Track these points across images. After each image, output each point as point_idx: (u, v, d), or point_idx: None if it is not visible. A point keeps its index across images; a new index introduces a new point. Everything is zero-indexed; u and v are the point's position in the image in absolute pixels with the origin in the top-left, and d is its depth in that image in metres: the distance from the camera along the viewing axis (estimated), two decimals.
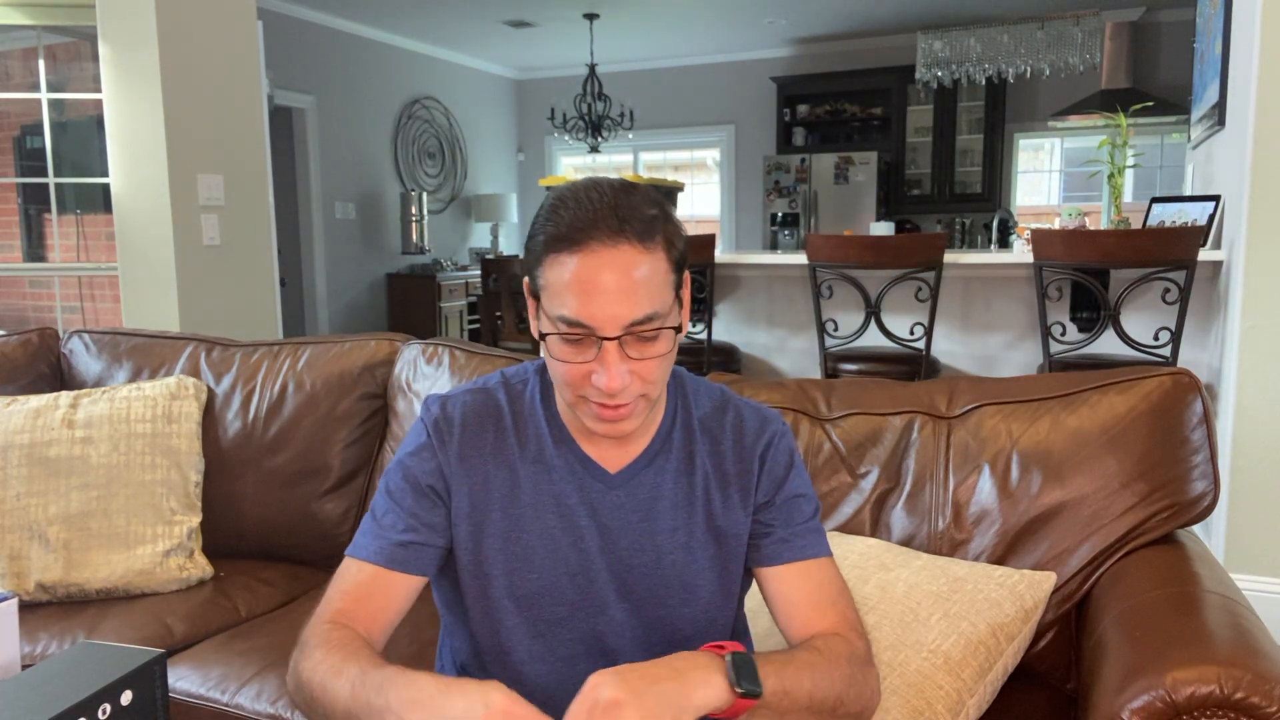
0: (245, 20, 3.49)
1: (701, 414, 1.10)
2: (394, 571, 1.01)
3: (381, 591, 1.01)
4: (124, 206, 3.27)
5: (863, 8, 6.82)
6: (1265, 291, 2.55)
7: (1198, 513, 1.33)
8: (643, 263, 0.92)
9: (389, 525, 1.03)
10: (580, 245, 0.91)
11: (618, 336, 0.92)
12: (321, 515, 1.92)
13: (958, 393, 1.53)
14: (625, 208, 0.93)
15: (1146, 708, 0.94)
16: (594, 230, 0.91)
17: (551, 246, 0.93)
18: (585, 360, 0.94)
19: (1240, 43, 2.79)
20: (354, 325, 7.42)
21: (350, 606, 0.99)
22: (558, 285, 0.92)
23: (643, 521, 1.05)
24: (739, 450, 1.08)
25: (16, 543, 1.73)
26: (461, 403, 1.07)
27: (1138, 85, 6.90)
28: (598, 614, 1.05)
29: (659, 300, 0.94)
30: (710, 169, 8.82)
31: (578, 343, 0.93)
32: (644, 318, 0.92)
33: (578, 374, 0.95)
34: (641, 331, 0.93)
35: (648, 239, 0.93)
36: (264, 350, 2.06)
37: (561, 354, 0.95)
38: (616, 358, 0.93)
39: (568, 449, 1.06)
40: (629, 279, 0.91)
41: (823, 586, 1.05)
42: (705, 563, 1.06)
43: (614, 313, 0.91)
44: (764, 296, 4.10)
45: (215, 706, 1.43)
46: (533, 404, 1.08)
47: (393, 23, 7.19)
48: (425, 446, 1.05)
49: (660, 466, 1.06)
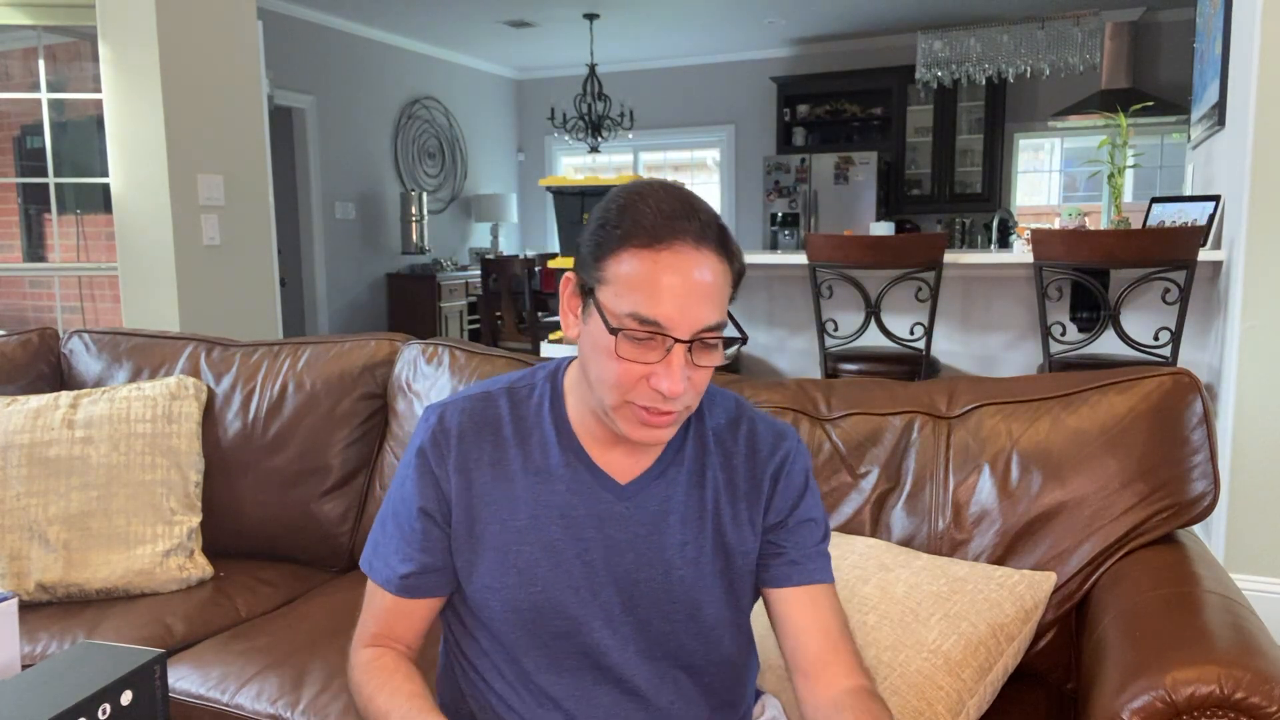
0: (245, 20, 3.49)
1: (715, 425, 1.08)
2: (410, 599, 1.06)
3: (404, 617, 1.07)
4: (124, 206, 3.27)
5: (863, 8, 6.82)
6: (1265, 291, 2.55)
7: (1198, 513, 1.33)
8: (720, 270, 0.92)
9: (392, 553, 1.06)
10: (665, 243, 0.90)
11: (689, 340, 0.91)
12: (321, 515, 1.92)
13: (958, 393, 1.53)
14: (706, 213, 0.93)
15: (1146, 708, 0.94)
16: (681, 229, 0.90)
17: (631, 241, 0.91)
18: (648, 361, 0.91)
19: (1240, 43, 2.79)
20: (354, 325, 7.42)
21: (382, 630, 1.08)
22: (632, 281, 0.90)
23: (651, 534, 1.02)
24: (751, 465, 1.06)
25: (16, 543, 1.73)
26: (459, 410, 1.05)
27: (1138, 85, 6.90)
28: (601, 628, 1.02)
29: (724, 309, 0.94)
30: (710, 169, 8.82)
31: (644, 342, 0.91)
32: (716, 324, 0.92)
33: (633, 375, 0.92)
34: (709, 338, 0.92)
35: (722, 251, 0.93)
36: (264, 350, 2.06)
37: (625, 352, 0.91)
38: (682, 362, 0.91)
39: (577, 459, 1.03)
40: (707, 283, 0.91)
41: (831, 615, 1.04)
42: (713, 579, 1.04)
43: (693, 315, 0.90)
44: (764, 296, 4.10)
45: (215, 706, 1.43)
46: (539, 412, 1.05)
47: (393, 23, 7.19)
48: (423, 466, 1.04)
49: (672, 478, 1.04)
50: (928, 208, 7.68)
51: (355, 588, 1.80)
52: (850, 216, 7.40)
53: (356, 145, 7.37)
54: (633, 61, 8.60)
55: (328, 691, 1.40)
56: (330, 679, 1.43)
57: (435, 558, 1.04)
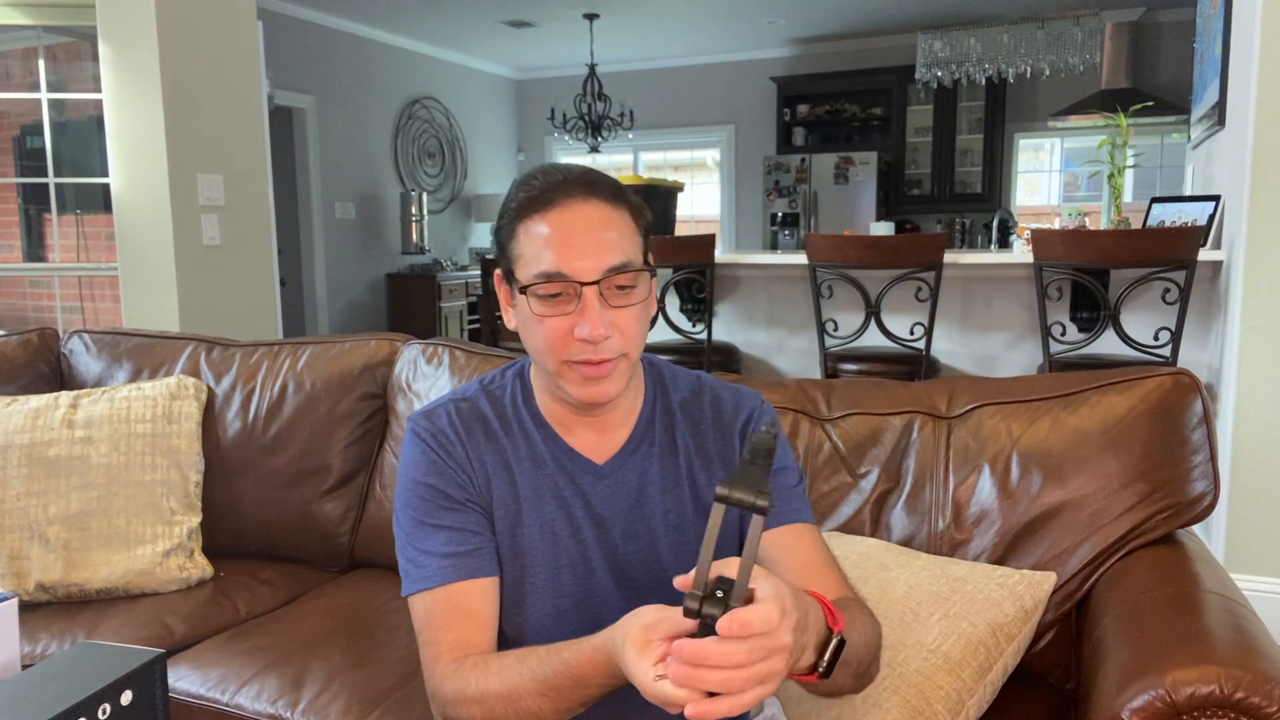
0: (245, 20, 3.49)
1: (680, 399, 1.12)
2: (465, 581, 1.00)
3: (468, 605, 1.00)
4: (124, 206, 3.27)
5: (863, 8, 6.82)
6: (1265, 291, 2.55)
7: (1198, 513, 1.33)
8: (614, 218, 0.98)
9: (441, 544, 1.02)
10: (554, 203, 0.96)
11: (596, 281, 0.95)
12: (321, 515, 1.92)
13: (958, 393, 1.53)
14: (595, 174, 1.00)
15: (1146, 708, 0.94)
16: (566, 189, 0.97)
17: (524, 212, 0.97)
18: (566, 313, 0.96)
19: (1240, 43, 2.79)
20: (354, 325, 7.42)
21: (455, 638, 0.98)
22: (534, 247, 0.96)
23: (634, 508, 1.06)
24: (719, 427, 1.10)
25: (16, 543, 1.73)
26: (446, 411, 1.08)
27: (1138, 85, 6.90)
28: (600, 605, 1.05)
29: (631, 252, 0.98)
30: (710, 169, 8.82)
31: (557, 297, 0.96)
32: (620, 264, 0.96)
33: (559, 331, 0.97)
34: (619, 280, 0.97)
35: (617, 200, 0.99)
36: (264, 350, 2.06)
37: (542, 310, 0.97)
38: (597, 305, 0.95)
39: (555, 444, 1.07)
40: (602, 230, 0.96)
41: (814, 549, 1.05)
42: (699, 543, 1.06)
43: (591, 260, 0.95)
44: (764, 296, 4.10)
45: (215, 706, 1.43)
46: (515, 405, 1.10)
47: (393, 23, 7.19)
48: (432, 461, 1.05)
49: (646, 452, 1.08)
50: (928, 208, 7.67)
51: (355, 588, 1.80)
52: (850, 216, 7.39)
53: (356, 145, 7.37)
54: (633, 61, 8.60)
55: (328, 691, 1.40)
56: (330, 679, 1.43)
57: (480, 537, 1.03)
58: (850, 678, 0.93)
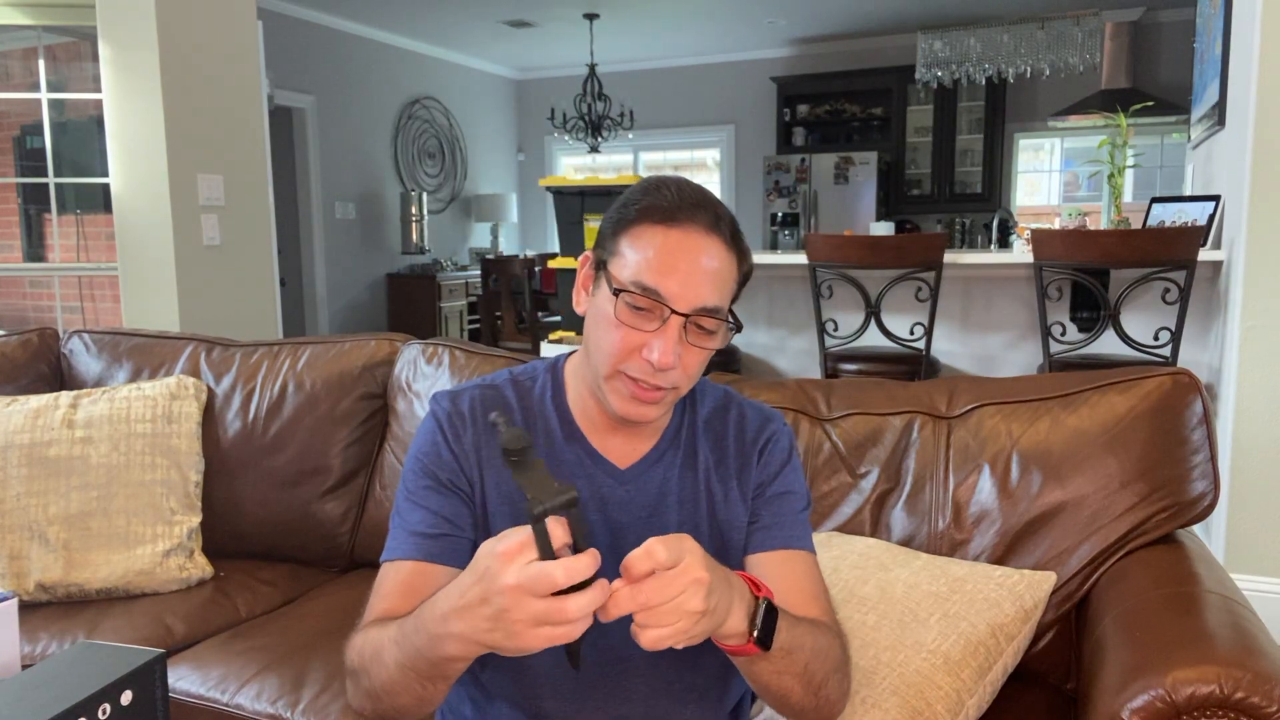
0: (245, 20, 3.49)
1: (706, 413, 1.12)
2: (432, 564, 1.00)
3: (424, 585, 0.98)
4: (124, 206, 3.27)
5: (863, 8, 6.82)
6: (1265, 291, 2.55)
7: (1198, 513, 1.33)
8: (727, 259, 0.98)
9: (416, 522, 1.02)
10: (678, 223, 0.96)
11: (687, 314, 0.95)
12: (321, 515, 1.92)
13: (958, 393, 1.53)
14: (722, 209, 1.00)
15: (1146, 707, 0.94)
16: (695, 215, 0.97)
17: (647, 217, 0.97)
18: (645, 330, 0.95)
19: (1240, 43, 2.79)
20: (354, 325, 7.42)
21: (393, 605, 0.97)
22: (642, 253, 0.96)
23: (651, 517, 1.06)
24: (740, 445, 1.10)
25: (16, 543, 1.73)
26: (470, 396, 1.08)
27: (1138, 85, 6.90)
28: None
29: (726, 298, 0.99)
30: (710, 169, 8.82)
31: (644, 312, 0.95)
32: (714, 308, 0.97)
33: (630, 344, 0.96)
34: (706, 322, 0.97)
35: (734, 242, 0.99)
36: (264, 350, 2.06)
37: (625, 318, 0.96)
38: (676, 336, 0.95)
39: (579, 445, 1.07)
40: (712, 267, 0.96)
41: (805, 578, 1.05)
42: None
43: (693, 293, 0.95)
44: (764, 296, 4.10)
45: (215, 706, 1.43)
46: (543, 400, 1.09)
47: (393, 23, 7.19)
48: (440, 442, 1.05)
49: (669, 462, 1.08)
50: (928, 208, 7.67)
51: (355, 587, 1.80)
52: (850, 216, 7.39)
53: (356, 145, 7.37)
54: (633, 61, 8.60)
55: (328, 691, 1.40)
56: (330, 679, 1.43)
57: (459, 527, 1.02)
58: (797, 680, 0.92)
